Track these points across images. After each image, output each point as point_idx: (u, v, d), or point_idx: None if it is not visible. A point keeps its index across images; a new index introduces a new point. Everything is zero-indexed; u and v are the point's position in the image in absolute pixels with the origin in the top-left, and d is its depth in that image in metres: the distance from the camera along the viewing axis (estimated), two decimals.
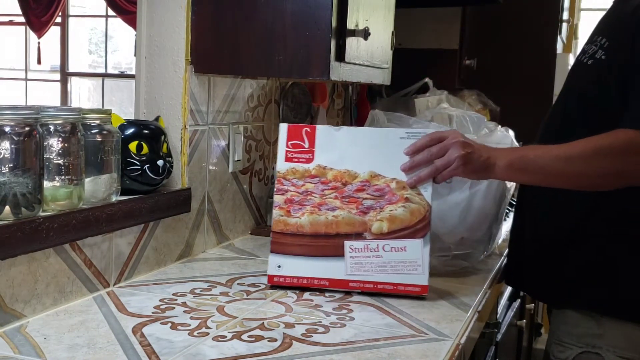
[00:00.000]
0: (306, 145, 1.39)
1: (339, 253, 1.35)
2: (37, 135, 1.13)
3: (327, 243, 1.35)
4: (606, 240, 1.33)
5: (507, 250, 1.59)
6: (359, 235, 1.35)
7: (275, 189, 1.39)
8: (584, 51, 1.36)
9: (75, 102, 8.47)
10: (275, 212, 1.37)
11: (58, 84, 8.58)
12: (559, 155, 1.30)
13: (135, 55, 1.66)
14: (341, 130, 1.41)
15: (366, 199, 1.37)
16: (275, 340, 1.11)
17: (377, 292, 1.35)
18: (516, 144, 1.72)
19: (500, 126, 1.76)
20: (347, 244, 1.35)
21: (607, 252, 1.32)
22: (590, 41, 1.35)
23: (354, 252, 1.35)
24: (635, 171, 1.26)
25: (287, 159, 1.39)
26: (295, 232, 1.35)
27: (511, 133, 1.72)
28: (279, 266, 1.35)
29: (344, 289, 1.36)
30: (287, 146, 1.39)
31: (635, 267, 1.31)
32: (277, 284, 1.36)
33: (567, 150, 1.30)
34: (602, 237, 1.33)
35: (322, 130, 1.40)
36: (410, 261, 1.35)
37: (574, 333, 1.35)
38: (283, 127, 1.41)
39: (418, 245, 1.35)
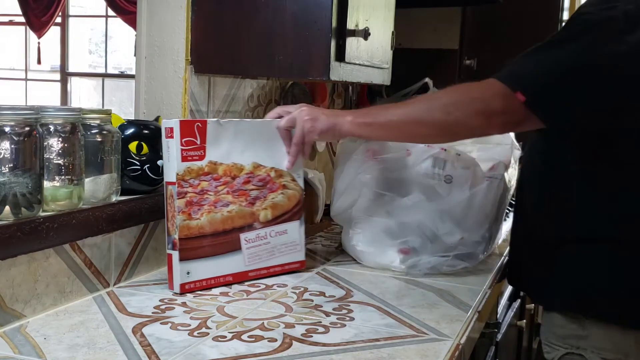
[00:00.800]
0: (198, 142, 1.34)
1: (237, 247, 1.39)
2: (37, 135, 1.13)
3: (227, 239, 1.37)
4: (590, 242, 1.32)
5: (507, 250, 1.58)
6: (250, 227, 1.40)
7: (176, 193, 1.31)
8: None
9: (75, 102, 8.48)
10: (179, 218, 1.31)
11: (58, 84, 8.59)
12: (401, 106, 1.39)
13: (135, 55, 1.66)
14: (227, 123, 1.39)
15: (252, 190, 1.41)
16: (275, 340, 1.11)
17: (270, 275, 1.44)
18: (516, 144, 1.72)
19: None
20: (242, 236, 1.40)
21: (590, 255, 1.32)
22: None
23: (248, 243, 1.40)
24: (458, 123, 1.32)
25: (184, 159, 1.31)
26: (197, 235, 1.33)
27: (511, 132, 1.71)
28: (188, 273, 1.32)
29: (245, 280, 1.40)
30: (182, 144, 1.31)
31: (618, 270, 1.30)
32: (188, 291, 1.33)
33: (415, 101, 1.41)
34: (586, 240, 1.33)
35: (212, 124, 1.36)
36: (291, 242, 1.47)
37: (560, 334, 1.35)
38: (175, 123, 1.30)
39: (296, 226, 1.47)
